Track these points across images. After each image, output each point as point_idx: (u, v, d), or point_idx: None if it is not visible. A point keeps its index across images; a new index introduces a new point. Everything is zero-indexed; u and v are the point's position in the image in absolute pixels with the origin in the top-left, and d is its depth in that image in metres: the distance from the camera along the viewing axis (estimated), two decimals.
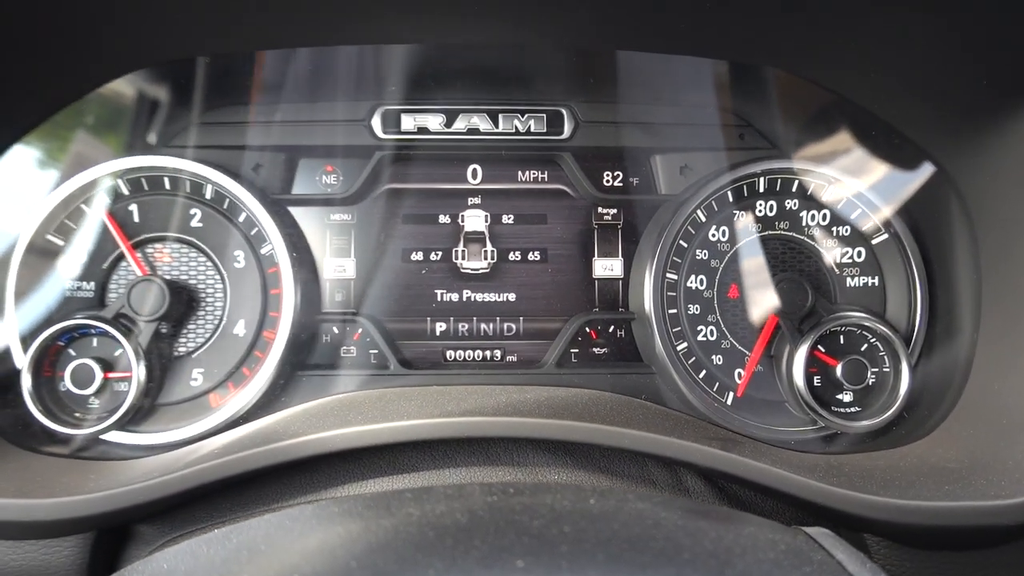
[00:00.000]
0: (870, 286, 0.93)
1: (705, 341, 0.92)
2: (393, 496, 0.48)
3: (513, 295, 0.95)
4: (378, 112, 0.93)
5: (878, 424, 0.86)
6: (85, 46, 0.73)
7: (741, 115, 0.95)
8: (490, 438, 0.74)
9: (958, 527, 0.66)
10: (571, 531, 0.41)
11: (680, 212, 0.92)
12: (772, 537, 0.47)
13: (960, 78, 0.73)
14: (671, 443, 0.71)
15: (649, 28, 0.76)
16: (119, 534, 0.73)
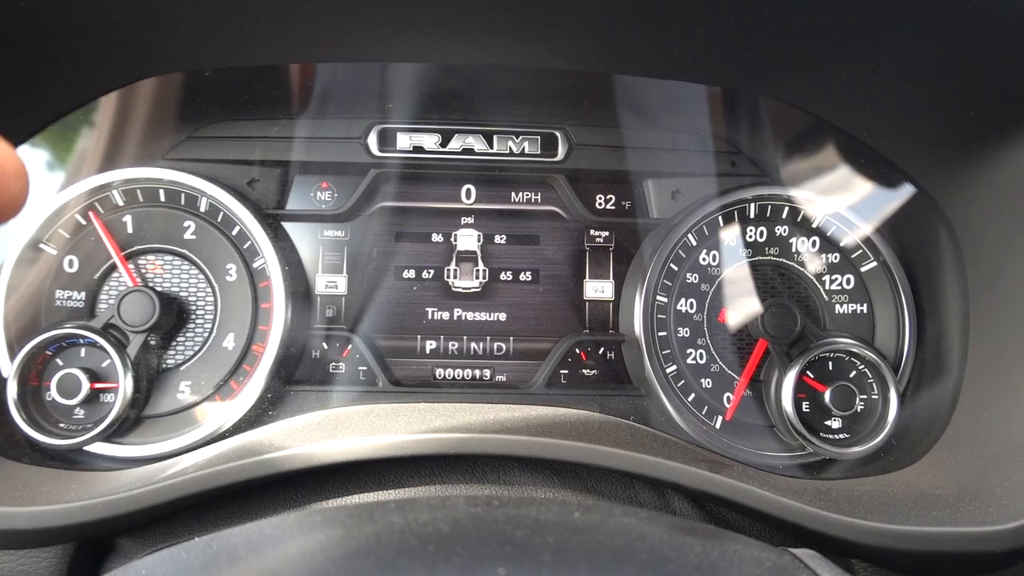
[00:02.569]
0: (859, 313, 0.93)
1: (694, 364, 0.92)
2: (376, 506, 0.48)
3: (504, 315, 0.95)
4: (374, 130, 0.94)
5: (866, 451, 0.86)
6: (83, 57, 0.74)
7: (732, 142, 0.96)
8: (477, 456, 0.74)
9: (945, 553, 0.66)
10: (554, 541, 0.41)
11: (671, 236, 0.93)
12: (758, 555, 0.47)
13: (948, 107, 0.75)
14: (659, 464, 0.71)
15: (644, 53, 0.78)
16: (100, 546, 0.72)
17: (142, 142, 0.90)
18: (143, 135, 0.90)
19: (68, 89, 0.78)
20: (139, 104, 0.86)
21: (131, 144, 0.90)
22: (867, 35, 0.68)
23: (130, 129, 0.88)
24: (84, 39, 0.71)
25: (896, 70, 0.72)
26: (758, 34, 0.70)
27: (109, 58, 0.75)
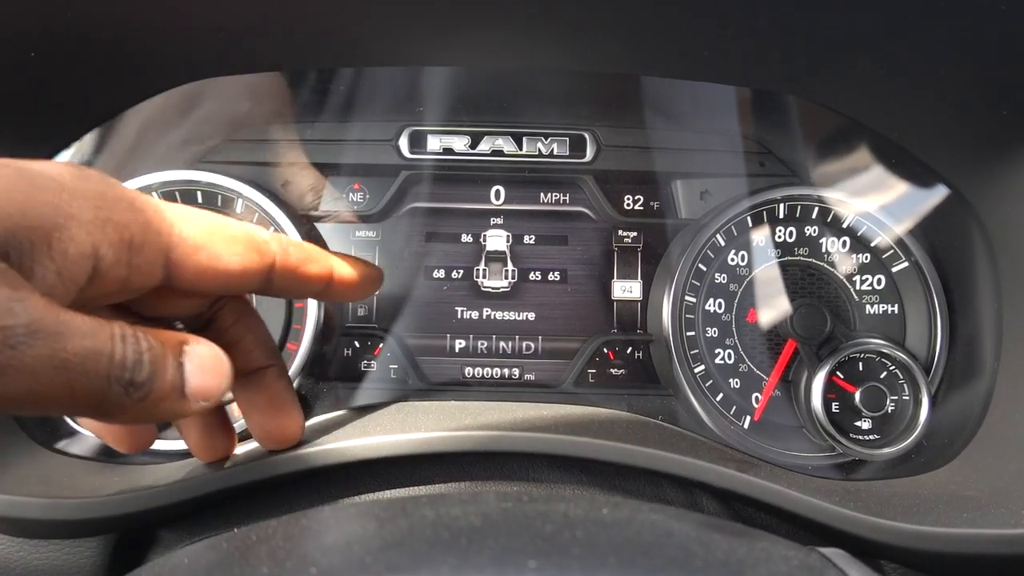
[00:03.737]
0: (890, 313, 0.93)
1: (723, 364, 0.92)
2: (409, 500, 0.49)
3: (532, 314, 0.96)
4: (405, 133, 0.95)
5: (897, 452, 0.86)
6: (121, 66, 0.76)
7: (761, 142, 0.96)
8: (506, 453, 0.75)
9: (976, 555, 0.65)
10: (583, 536, 0.42)
11: (700, 236, 0.93)
12: (785, 553, 0.47)
13: (981, 107, 0.74)
14: (686, 463, 0.71)
15: (672, 55, 0.78)
16: (140, 537, 0.74)
17: (180, 146, 0.93)
18: (181, 139, 0.92)
19: (108, 96, 0.81)
20: (178, 109, 0.88)
21: (170, 148, 0.92)
22: (898, 35, 0.67)
23: (169, 133, 0.91)
24: (123, 47, 0.73)
25: (928, 70, 0.71)
26: (788, 35, 0.70)
27: (147, 65, 0.77)
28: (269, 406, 0.67)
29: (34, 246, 0.47)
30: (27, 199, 0.47)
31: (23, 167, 0.49)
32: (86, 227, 0.49)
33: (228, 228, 0.59)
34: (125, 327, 0.50)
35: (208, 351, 0.54)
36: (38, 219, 0.47)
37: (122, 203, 0.52)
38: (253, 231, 0.61)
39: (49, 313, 0.46)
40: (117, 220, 0.51)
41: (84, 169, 0.52)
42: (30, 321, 0.45)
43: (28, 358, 0.44)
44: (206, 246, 0.57)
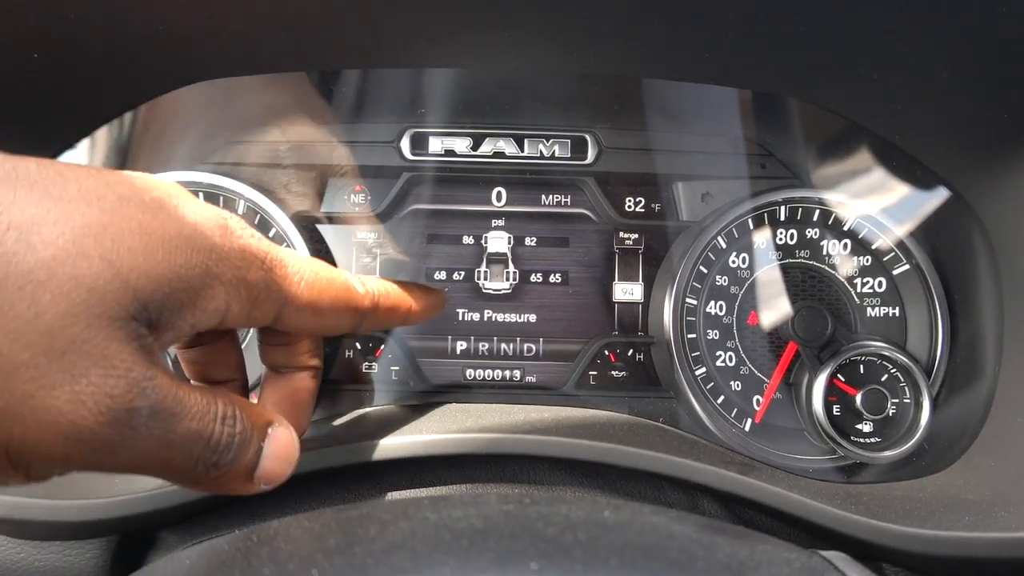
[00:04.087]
0: (891, 316, 0.93)
1: (724, 367, 0.92)
2: (411, 502, 0.49)
3: (534, 316, 0.96)
4: (407, 134, 0.95)
5: (898, 455, 0.86)
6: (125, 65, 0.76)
7: (763, 144, 0.96)
8: (507, 456, 0.75)
9: (978, 558, 0.65)
10: (585, 538, 0.42)
11: (701, 238, 0.93)
12: (786, 556, 0.47)
13: (982, 110, 0.74)
14: (687, 465, 0.71)
15: (673, 57, 0.78)
16: (142, 539, 0.74)
17: (182, 147, 0.93)
18: (184, 140, 0.92)
19: (111, 97, 0.81)
20: (180, 110, 0.88)
21: (172, 149, 0.92)
22: (898, 37, 0.67)
23: (171, 134, 0.91)
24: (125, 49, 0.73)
25: (928, 72, 0.71)
26: (789, 37, 0.70)
27: (150, 67, 0.77)
28: (291, 403, 0.68)
29: (183, 306, 0.48)
30: (185, 262, 0.48)
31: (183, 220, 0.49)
32: (225, 286, 0.51)
33: (333, 286, 0.62)
34: (227, 405, 0.52)
35: (286, 436, 0.56)
36: (190, 281, 0.48)
37: (256, 262, 0.54)
38: (353, 289, 0.65)
39: (170, 393, 0.47)
40: (250, 280, 0.53)
41: (229, 222, 0.53)
42: (155, 403, 0.46)
43: (142, 439, 0.45)
44: (312, 305, 0.60)
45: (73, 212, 0.44)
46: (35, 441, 0.42)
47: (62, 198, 0.44)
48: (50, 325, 0.41)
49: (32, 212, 0.42)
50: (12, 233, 0.41)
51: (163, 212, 0.49)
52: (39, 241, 0.42)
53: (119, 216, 0.46)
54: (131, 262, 0.45)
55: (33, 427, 0.41)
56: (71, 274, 0.42)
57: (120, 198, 0.47)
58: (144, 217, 0.47)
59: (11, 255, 0.41)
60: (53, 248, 0.42)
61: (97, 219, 0.44)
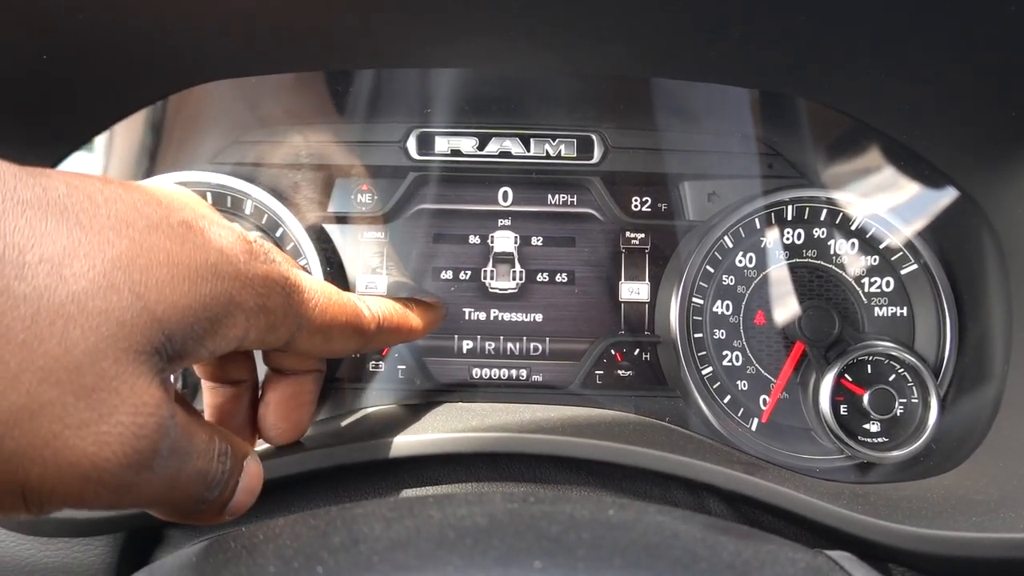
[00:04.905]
0: (899, 316, 0.92)
1: (730, 366, 0.92)
2: (416, 500, 0.49)
3: (540, 315, 0.96)
4: (413, 134, 0.95)
5: (905, 455, 0.85)
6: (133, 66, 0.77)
7: (770, 143, 0.96)
8: (512, 455, 0.75)
9: (985, 559, 0.65)
10: (589, 537, 0.42)
11: (707, 238, 0.93)
12: (792, 555, 0.47)
13: (990, 109, 0.74)
14: (693, 465, 0.71)
15: (680, 57, 0.78)
16: (149, 536, 0.75)
17: (190, 147, 0.93)
18: (192, 140, 0.93)
19: (118, 98, 0.81)
20: (188, 110, 0.89)
21: (180, 149, 0.93)
22: (906, 36, 0.67)
23: (179, 135, 0.91)
24: (133, 50, 0.73)
25: (937, 71, 0.71)
26: (796, 37, 0.70)
27: (157, 68, 0.78)
28: (295, 404, 0.68)
29: (205, 335, 0.48)
30: (210, 291, 0.48)
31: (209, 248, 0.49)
32: (246, 313, 0.51)
33: (344, 312, 0.63)
34: (222, 441, 0.52)
35: (256, 470, 0.57)
36: (214, 310, 0.48)
37: (276, 287, 0.54)
38: (361, 314, 0.66)
39: (186, 432, 0.48)
40: (270, 307, 0.53)
41: (253, 246, 0.54)
42: (174, 442, 0.46)
43: (156, 479, 0.45)
44: (323, 332, 0.61)
45: (103, 243, 0.43)
46: (53, 483, 0.41)
47: (92, 227, 0.44)
48: (79, 361, 0.40)
49: (63, 244, 0.42)
50: (44, 266, 0.41)
51: (190, 239, 0.49)
52: (70, 274, 0.41)
53: (147, 247, 0.46)
54: (159, 295, 0.45)
55: (53, 469, 0.40)
56: (101, 308, 0.42)
57: (148, 225, 0.47)
58: (172, 247, 0.47)
59: (43, 289, 0.40)
60: (84, 281, 0.41)
61: (126, 251, 0.44)
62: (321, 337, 0.61)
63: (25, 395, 0.39)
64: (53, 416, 0.40)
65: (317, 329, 0.60)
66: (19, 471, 0.40)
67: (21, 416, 0.39)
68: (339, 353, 0.66)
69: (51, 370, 0.40)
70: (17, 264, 0.40)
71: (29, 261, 0.40)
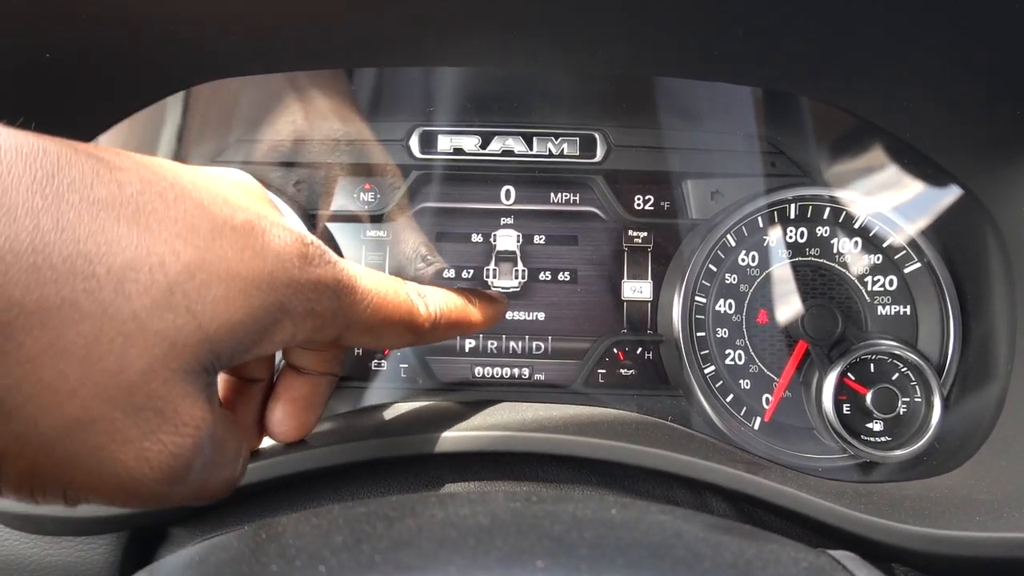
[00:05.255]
0: (902, 315, 0.92)
1: (733, 365, 0.92)
2: (418, 499, 0.49)
3: (543, 314, 0.96)
4: (416, 133, 0.95)
5: (909, 454, 0.85)
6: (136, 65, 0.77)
7: (773, 142, 0.95)
8: (515, 453, 0.75)
9: (989, 559, 0.65)
10: (591, 536, 0.42)
11: (710, 236, 0.93)
12: (795, 555, 0.47)
13: (993, 106, 0.73)
14: (696, 464, 0.71)
15: (683, 55, 0.78)
16: (153, 535, 0.75)
17: (192, 145, 0.93)
18: (194, 138, 0.93)
19: (121, 97, 0.82)
20: (190, 109, 0.89)
21: (182, 147, 0.93)
22: (909, 35, 0.67)
23: (181, 133, 0.91)
24: (136, 48, 0.73)
25: (940, 69, 0.71)
26: (799, 35, 0.69)
27: (161, 66, 0.78)
28: (305, 404, 0.67)
29: (252, 345, 0.48)
30: (262, 304, 0.47)
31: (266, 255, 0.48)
32: (294, 319, 0.50)
33: (398, 310, 0.61)
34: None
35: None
36: (263, 322, 0.48)
37: (328, 292, 0.53)
38: (416, 311, 0.63)
39: (219, 446, 0.48)
40: (318, 311, 0.52)
41: (309, 250, 0.52)
42: (208, 457, 0.47)
43: (187, 489, 0.46)
44: (373, 331, 0.59)
45: (168, 254, 0.43)
46: (92, 488, 0.43)
47: (160, 233, 0.43)
48: (132, 381, 0.41)
49: (131, 254, 0.42)
50: (111, 280, 0.41)
51: (250, 244, 0.48)
52: (134, 290, 0.41)
53: (209, 257, 0.45)
54: (213, 312, 0.44)
55: (95, 477, 0.42)
56: (158, 328, 0.42)
57: (213, 229, 0.46)
58: (232, 255, 0.46)
59: (107, 304, 0.40)
60: (147, 298, 0.42)
61: (189, 263, 0.44)
62: (371, 336, 0.60)
63: (80, 408, 0.40)
64: (103, 430, 0.41)
65: (367, 329, 0.59)
66: (65, 474, 0.42)
67: (74, 427, 0.40)
68: (390, 348, 0.65)
69: (106, 387, 0.40)
70: (86, 275, 0.40)
71: (98, 273, 0.40)
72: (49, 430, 0.40)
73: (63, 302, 0.39)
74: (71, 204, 0.40)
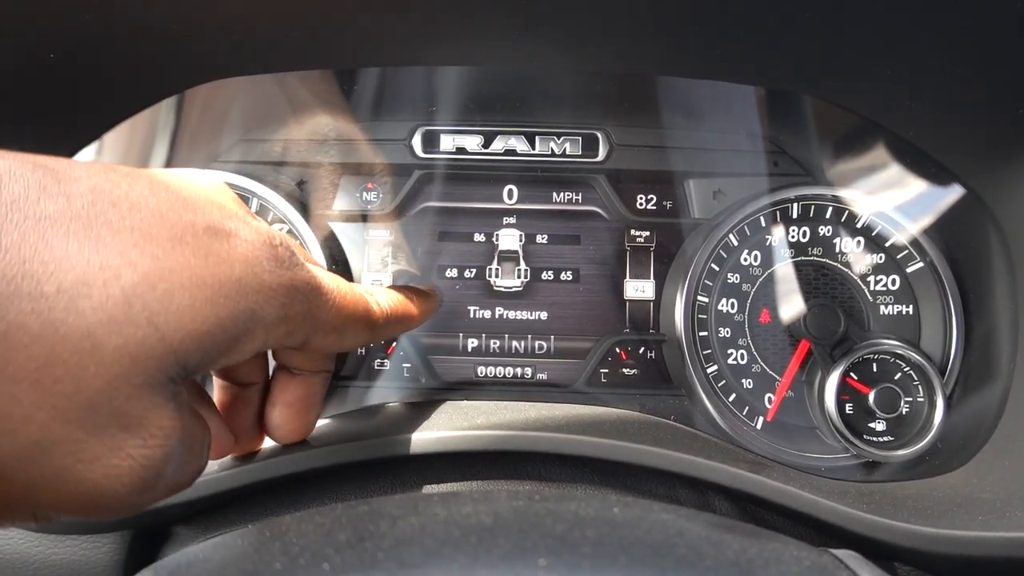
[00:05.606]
0: (904, 314, 0.92)
1: (735, 365, 0.92)
2: (421, 498, 0.50)
3: (545, 314, 0.96)
4: (419, 132, 0.96)
5: (911, 454, 0.85)
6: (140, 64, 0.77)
7: (775, 141, 0.95)
8: (518, 453, 0.75)
9: (991, 558, 0.65)
10: (594, 535, 0.42)
11: (712, 236, 0.93)
12: (797, 554, 0.47)
13: (996, 106, 0.73)
14: (698, 463, 0.71)
15: (685, 54, 0.78)
16: (157, 534, 0.75)
17: (197, 145, 0.94)
18: (197, 138, 0.93)
19: (125, 96, 0.82)
20: (193, 108, 0.89)
21: (186, 147, 0.93)
22: (912, 33, 0.67)
23: (186, 133, 0.92)
24: (140, 48, 0.74)
25: (942, 68, 0.71)
26: (801, 34, 0.69)
27: (164, 66, 0.78)
28: (302, 405, 0.68)
29: (220, 354, 0.47)
30: (230, 313, 0.46)
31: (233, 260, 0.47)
32: (266, 327, 0.49)
33: (356, 309, 0.61)
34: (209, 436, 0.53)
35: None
36: (233, 331, 0.46)
37: (299, 296, 0.52)
38: (371, 308, 0.64)
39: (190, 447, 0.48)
40: (290, 316, 0.52)
41: (279, 251, 0.51)
42: (178, 461, 0.46)
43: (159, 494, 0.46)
44: (337, 330, 0.59)
45: (124, 266, 0.41)
46: (62, 507, 0.42)
47: (114, 245, 0.41)
48: (92, 400, 0.40)
49: (82, 270, 0.40)
50: (62, 299, 0.39)
51: (215, 250, 0.46)
52: (87, 306, 0.39)
53: (170, 266, 0.43)
54: (178, 323, 0.43)
55: (65, 497, 0.41)
56: (116, 344, 0.40)
57: (173, 237, 0.44)
58: (195, 262, 0.45)
59: (59, 323, 0.38)
60: (102, 314, 0.40)
61: (147, 274, 0.42)
62: (335, 336, 0.60)
63: (38, 432, 0.39)
64: (65, 452, 0.40)
65: (332, 329, 0.59)
66: (31, 498, 0.41)
67: (34, 452, 0.39)
68: (349, 348, 0.66)
69: (64, 409, 0.39)
70: (34, 296, 0.38)
71: (47, 292, 0.38)
72: (7, 457, 0.39)
73: (9, 326, 0.37)
74: (14, 223, 0.39)
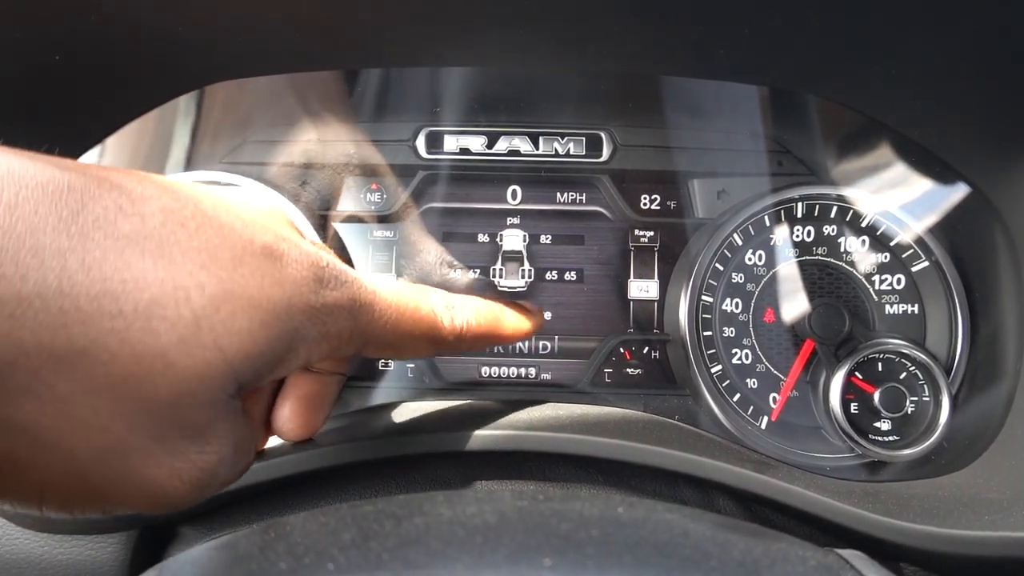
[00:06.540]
0: (910, 314, 0.92)
1: (740, 364, 0.92)
2: (425, 498, 0.50)
3: (549, 314, 0.96)
4: (422, 133, 0.96)
5: (917, 454, 0.85)
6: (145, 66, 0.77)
7: (779, 140, 0.95)
8: (522, 453, 0.75)
9: (998, 558, 0.65)
10: (599, 535, 0.42)
11: (717, 235, 0.93)
12: (802, 554, 0.47)
13: (1000, 104, 0.73)
14: (703, 463, 0.71)
15: (689, 54, 0.78)
16: (162, 533, 0.75)
17: (201, 146, 0.94)
18: (202, 140, 0.93)
19: (130, 98, 0.82)
20: (199, 110, 0.89)
21: (191, 149, 0.93)
22: (917, 32, 0.67)
23: (191, 134, 0.92)
24: (145, 50, 0.74)
25: (947, 67, 0.70)
26: (805, 33, 0.69)
27: (169, 67, 0.78)
28: (314, 404, 0.68)
29: (269, 372, 0.49)
30: (279, 334, 0.48)
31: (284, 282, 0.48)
32: (309, 345, 0.51)
33: (418, 326, 0.61)
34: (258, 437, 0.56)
35: None
36: (280, 351, 0.48)
37: (343, 313, 0.53)
38: (439, 325, 0.63)
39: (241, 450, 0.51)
40: (332, 333, 0.52)
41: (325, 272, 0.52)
42: (230, 463, 0.49)
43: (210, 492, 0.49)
44: (392, 347, 0.60)
45: (192, 289, 0.43)
46: (128, 504, 0.45)
47: (184, 265, 0.43)
48: (161, 413, 0.43)
49: (157, 290, 0.42)
50: (138, 320, 0.41)
51: (270, 272, 0.48)
52: (161, 327, 0.42)
53: (232, 288, 0.45)
54: (238, 345, 0.45)
55: (131, 495, 0.44)
56: (186, 364, 0.43)
57: (234, 257, 0.46)
58: (253, 284, 0.46)
59: (136, 342, 0.41)
60: (173, 335, 0.42)
61: (213, 296, 0.44)
62: (391, 350, 0.61)
63: (114, 440, 0.42)
64: (135, 457, 0.43)
65: (386, 345, 0.59)
66: (103, 495, 0.44)
67: (108, 456, 0.42)
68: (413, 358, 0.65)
69: (135, 420, 0.42)
70: (112, 315, 0.40)
71: (124, 311, 0.40)
72: (87, 461, 0.42)
73: (91, 343, 0.39)
74: (96, 242, 0.40)
